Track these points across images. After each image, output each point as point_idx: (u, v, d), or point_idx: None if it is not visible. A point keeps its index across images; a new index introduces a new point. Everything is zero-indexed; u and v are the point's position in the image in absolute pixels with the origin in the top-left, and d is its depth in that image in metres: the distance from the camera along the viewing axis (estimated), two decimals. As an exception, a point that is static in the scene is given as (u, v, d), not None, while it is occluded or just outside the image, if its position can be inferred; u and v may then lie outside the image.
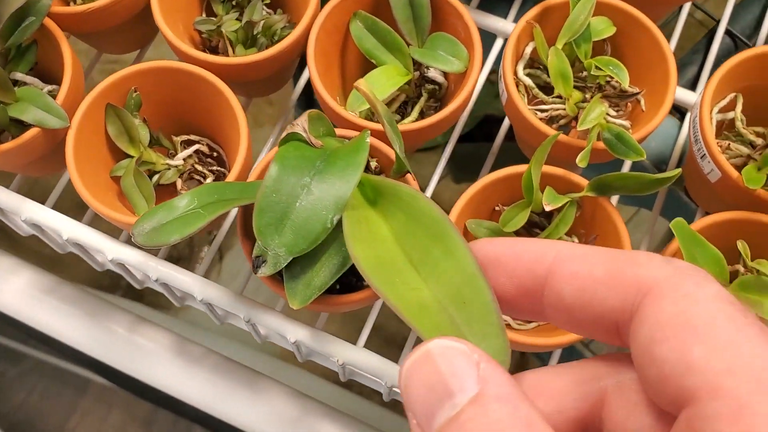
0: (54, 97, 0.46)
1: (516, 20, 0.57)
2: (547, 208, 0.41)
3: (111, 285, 1.21)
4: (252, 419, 0.52)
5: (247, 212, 0.44)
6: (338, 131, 0.42)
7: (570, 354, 0.74)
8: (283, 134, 0.38)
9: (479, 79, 0.51)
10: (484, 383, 0.19)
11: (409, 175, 0.42)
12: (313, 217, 0.33)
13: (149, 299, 1.25)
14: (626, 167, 0.53)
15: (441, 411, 0.19)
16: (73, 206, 0.50)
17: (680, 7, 0.58)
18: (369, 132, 0.37)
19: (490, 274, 0.24)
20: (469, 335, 0.31)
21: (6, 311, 0.54)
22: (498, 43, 0.55)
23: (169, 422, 1.33)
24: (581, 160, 0.42)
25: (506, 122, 0.54)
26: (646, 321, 0.20)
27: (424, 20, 0.48)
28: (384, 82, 0.47)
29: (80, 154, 0.44)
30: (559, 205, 0.41)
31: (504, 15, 0.56)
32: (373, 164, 0.43)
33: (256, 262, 0.40)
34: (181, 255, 1.23)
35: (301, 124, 0.38)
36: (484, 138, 0.55)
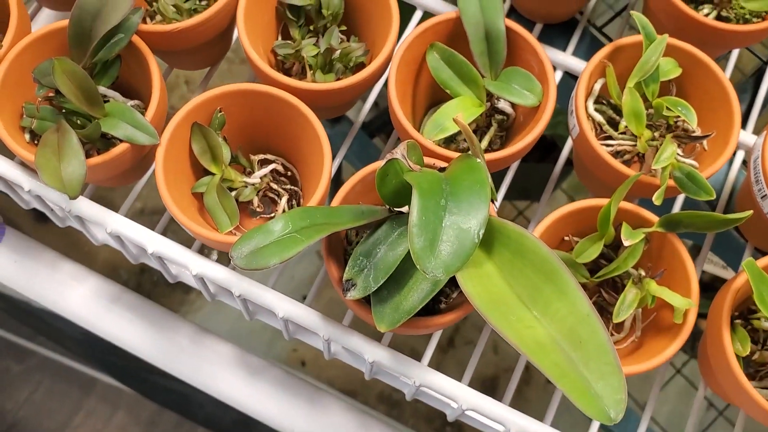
0: (140, 113, 0.47)
1: (574, 54, 0.59)
2: (627, 244, 0.43)
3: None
4: (312, 432, 0.53)
5: (332, 237, 0.45)
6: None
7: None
8: (383, 162, 0.40)
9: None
10: None
11: (492, 203, 0.43)
12: (461, 234, 0.34)
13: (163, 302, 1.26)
14: (677, 204, 0.55)
15: None
16: (135, 216, 0.52)
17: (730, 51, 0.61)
18: (477, 159, 0.39)
19: None
20: (587, 374, 0.32)
21: (71, 318, 0.55)
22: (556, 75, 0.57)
23: (173, 424, 1.34)
24: (657, 198, 0.44)
25: (564, 152, 0.57)
26: None
27: (500, 54, 0.50)
28: (460, 112, 0.49)
29: (168, 171, 0.46)
30: (637, 240, 0.43)
31: (563, 48, 0.58)
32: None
33: (346, 286, 0.42)
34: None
35: (400, 152, 0.40)
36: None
